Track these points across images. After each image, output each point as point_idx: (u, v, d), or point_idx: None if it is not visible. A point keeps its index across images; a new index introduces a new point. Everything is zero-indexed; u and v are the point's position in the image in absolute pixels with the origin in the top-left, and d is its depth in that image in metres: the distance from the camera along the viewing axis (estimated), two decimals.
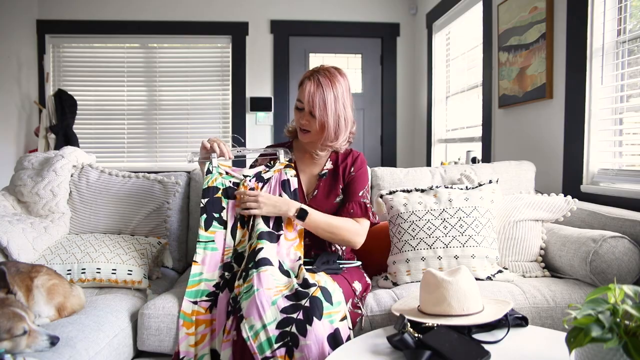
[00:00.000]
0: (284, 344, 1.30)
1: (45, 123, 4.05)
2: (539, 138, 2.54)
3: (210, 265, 1.61)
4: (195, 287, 1.58)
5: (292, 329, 1.31)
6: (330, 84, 1.60)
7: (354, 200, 1.70)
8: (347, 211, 1.68)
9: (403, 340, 1.17)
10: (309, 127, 1.65)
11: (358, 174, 1.74)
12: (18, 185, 2.02)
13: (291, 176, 1.72)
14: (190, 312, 1.52)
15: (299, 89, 1.65)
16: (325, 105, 1.59)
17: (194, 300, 1.55)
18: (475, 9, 3.37)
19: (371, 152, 4.60)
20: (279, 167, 1.75)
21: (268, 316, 1.32)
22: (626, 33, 2.04)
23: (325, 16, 4.52)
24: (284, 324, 1.32)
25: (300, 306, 1.34)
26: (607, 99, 2.12)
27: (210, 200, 1.68)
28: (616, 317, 0.90)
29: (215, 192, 1.69)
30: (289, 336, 1.30)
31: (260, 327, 1.31)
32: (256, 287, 1.38)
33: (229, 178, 1.73)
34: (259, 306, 1.33)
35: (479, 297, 1.33)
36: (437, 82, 4.06)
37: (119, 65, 4.51)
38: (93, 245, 1.84)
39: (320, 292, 1.39)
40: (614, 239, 1.59)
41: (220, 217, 1.67)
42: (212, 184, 1.70)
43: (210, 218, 1.66)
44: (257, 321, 1.32)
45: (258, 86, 4.50)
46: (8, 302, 1.23)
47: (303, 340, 1.29)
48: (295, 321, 1.32)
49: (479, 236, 1.74)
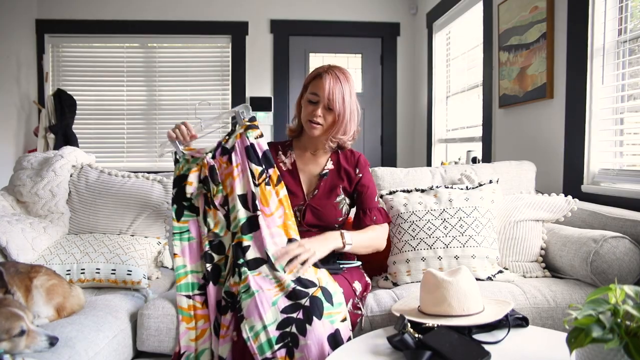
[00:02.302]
0: (284, 345, 1.30)
1: (44, 123, 4.04)
2: (540, 138, 2.53)
3: (192, 256, 1.59)
4: (184, 280, 1.57)
5: (292, 329, 1.31)
6: (346, 80, 1.66)
7: (374, 208, 1.72)
8: (371, 219, 1.69)
9: (403, 341, 1.16)
10: (323, 120, 1.66)
11: (367, 182, 1.74)
12: (17, 185, 2.02)
13: (255, 138, 1.59)
14: (187, 307, 1.53)
15: (312, 83, 1.67)
16: (344, 100, 1.63)
17: (188, 295, 1.55)
18: (476, 8, 3.37)
19: (371, 152, 4.59)
20: (240, 130, 1.59)
21: (268, 317, 1.33)
22: (627, 33, 2.04)
23: (325, 16, 4.51)
24: (284, 324, 1.32)
25: (300, 305, 1.35)
26: (607, 99, 2.11)
27: (178, 189, 1.63)
28: (617, 318, 0.90)
29: (184, 180, 1.63)
30: (289, 336, 1.31)
31: (261, 328, 1.32)
32: (255, 289, 1.39)
33: (195, 161, 1.63)
34: (260, 307, 1.34)
35: (479, 297, 1.33)
36: (438, 82, 4.06)
37: (119, 65, 4.50)
38: (92, 246, 1.83)
39: (321, 292, 1.38)
40: (615, 239, 1.59)
41: (191, 205, 1.62)
42: (180, 172, 1.64)
43: (181, 208, 1.62)
44: (257, 322, 1.32)
45: (258, 86, 4.50)
46: (6, 303, 1.23)
47: (303, 340, 1.29)
48: (295, 321, 1.32)
49: (480, 236, 1.73)
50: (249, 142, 1.57)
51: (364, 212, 1.71)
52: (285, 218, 1.55)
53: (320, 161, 1.77)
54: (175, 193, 1.63)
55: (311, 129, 1.67)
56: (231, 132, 1.61)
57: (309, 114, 1.67)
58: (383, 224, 1.73)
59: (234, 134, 1.59)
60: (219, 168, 1.59)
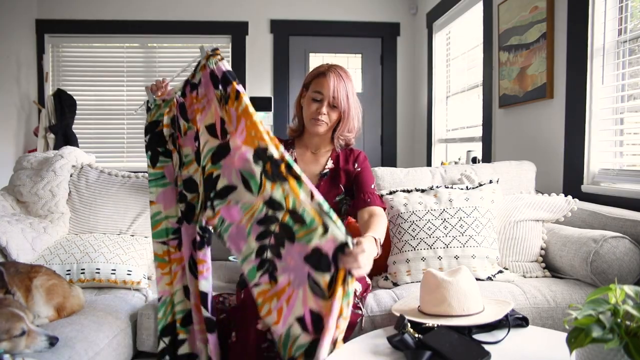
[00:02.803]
0: (265, 270, 1.34)
1: (44, 123, 4.04)
2: (540, 138, 2.53)
3: (167, 201, 1.57)
4: (159, 226, 1.57)
5: (267, 254, 1.34)
6: (348, 78, 1.70)
7: (369, 192, 1.70)
8: (364, 200, 1.66)
9: (403, 341, 1.16)
10: (327, 118, 1.68)
11: (365, 171, 1.75)
12: (17, 185, 2.02)
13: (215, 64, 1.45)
14: (161, 253, 1.56)
15: (315, 82, 1.69)
16: (348, 97, 1.68)
17: (163, 241, 1.56)
18: (476, 8, 3.37)
19: (371, 152, 4.59)
20: (203, 62, 1.48)
21: (246, 248, 1.36)
22: (627, 33, 2.04)
23: (325, 16, 4.51)
24: (261, 251, 1.35)
25: (270, 232, 1.34)
26: (607, 99, 2.11)
27: (152, 136, 1.59)
28: (617, 318, 0.90)
29: (156, 126, 1.58)
30: (267, 262, 1.34)
31: (243, 259, 1.37)
32: (229, 222, 1.39)
33: (167, 104, 1.57)
34: (237, 240, 1.38)
35: (479, 297, 1.33)
36: (438, 82, 4.06)
37: (119, 65, 4.50)
38: (92, 246, 1.83)
39: (289, 215, 1.31)
40: (615, 239, 1.59)
41: (166, 150, 1.58)
42: (152, 118, 1.59)
43: (156, 154, 1.58)
44: (238, 254, 1.39)
45: (258, 86, 4.49)
46: (7, 303, 1.23)
47: (280, 263, 1.32)
48: (269, 247, 1.34)
49: (480, 236, 1.73)
50: (209, 69, 1.45)
51: (358, 194, 1.70)
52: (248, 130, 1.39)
53: (321, 160, 1.78)
54: (149, 139, 1.59)
55: (316, 126, 1.69)
56: (196, 67, 1.51)
57: (313, 112, 1.68)
58: (379, 207, 1.66)
59: (198, 67, 1.50)
60: (190, 105, 1.52)
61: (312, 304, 1.25)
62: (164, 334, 1.52)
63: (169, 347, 1.52)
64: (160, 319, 1.53)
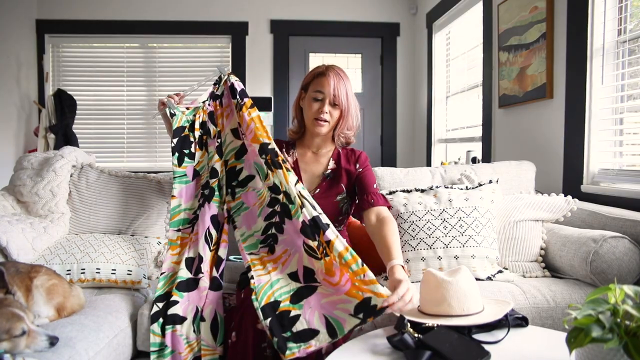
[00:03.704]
0: (267, 245, 1.64)
1: (44, 123, 4.04)
2: (539, 138, 2.53)
3: (187, 196, 1.80)
4: (177, 217, 1.77)
5: (272, 230, 1.64)
6: (346, 77, 1.75)
7: (372, 192, 1.72)
8: (369, 201, 1.68)
9: (403, 341, 1.16)
10: (330, 117, 1.70)
11: (366, 171, 1.77)
12: (17, 185, 2.02)
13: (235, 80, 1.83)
14: (175, 239, 1.76)
15: (315, 82, 1.72)
16: (348, 95, 1.72)
17: (178, 229, 1.77)
18: (476, 8, 3.37)
19: (371, 152, 4.59)
20: (225, 77, 1.85)
21: (255, 227, 1.68)
22: (626, 33, 2.04)
23: (325, 16, 4.51)
24: (267, 228, 1.65)
25: (275, 212, 1.64)
26: (607, 99, 2.11)
27: (179, 139, 1.81)
28: (616, 318, 0.90)
29: (182, 130, 1.82)
30: (271, 237, 1.64)
31: (250, 234, 1.68)
32: (246, 205, 1.73)
33: (192, 113, 1.85)
34: (250, 219, 1.70)
35: (479, 297, 1.33)
36: (437, 82, 4.06)
37: (119, 65, 4.50)
38: (92, 246, 1.84)
39: (284, 196, 1.61)
40: (615, 239, 1.59)
41: (191, 152, 1.83)
42: (179, 124, 1.82)
43: (182, 155, 1.81)
44: (247, 230, 1.69)
45: (258, 86, 4.50)
46: (7, 303, 1.23)
47: (281, 236, 1.61)
48: (274, 224, 1.64)
49: (479, 236, 1.73)
50: (229, 83, 1.82)
51: (361, 195, 1.72)
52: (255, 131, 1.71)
53: (322, 160, 1.79)
54: (176, 142, 1.81)
55: (318, 126, 1.70)
56: (218, 82, 1.87)
57: (315, 112, 1.70)
58: (383, 206, 1.69)
59: (221, 82, 1.86)
60: (215, 112, 1.86)
61: (307, 262, 1.53)
62: (159, 300, 1.60)
63: (161, 310, 1.57)
64: (158, 288, 1.64)
